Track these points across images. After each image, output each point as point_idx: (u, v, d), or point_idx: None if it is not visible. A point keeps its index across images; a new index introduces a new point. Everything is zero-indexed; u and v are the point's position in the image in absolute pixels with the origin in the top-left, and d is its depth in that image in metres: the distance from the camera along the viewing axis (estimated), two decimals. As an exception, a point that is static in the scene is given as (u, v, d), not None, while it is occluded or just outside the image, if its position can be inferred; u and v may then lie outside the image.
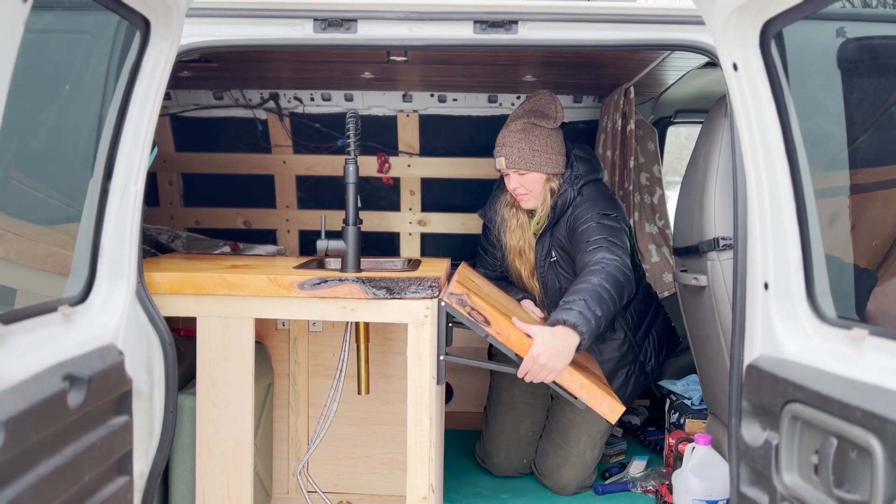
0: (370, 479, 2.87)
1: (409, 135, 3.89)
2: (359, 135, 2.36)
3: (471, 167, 3.86)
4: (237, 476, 2.19)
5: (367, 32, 2.20)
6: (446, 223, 3.97)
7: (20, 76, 1.26)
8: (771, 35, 1.58)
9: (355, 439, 2.85)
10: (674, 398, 3.33)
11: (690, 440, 2.71)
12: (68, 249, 1.90)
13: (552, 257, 2.86)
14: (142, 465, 1.97)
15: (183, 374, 2.29)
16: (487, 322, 2.26)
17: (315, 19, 2.18)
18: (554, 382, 2.32)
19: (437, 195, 3.98)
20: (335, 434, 2.77)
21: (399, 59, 2.79)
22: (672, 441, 3.01)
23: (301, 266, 2.53)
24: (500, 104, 3.78)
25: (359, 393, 2.66)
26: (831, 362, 1.49)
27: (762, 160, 1.68)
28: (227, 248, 3.55)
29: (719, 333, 2.45)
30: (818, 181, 1.67)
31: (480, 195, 3.29)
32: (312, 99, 3.77)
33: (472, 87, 3.66)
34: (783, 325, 1.67)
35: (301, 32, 2.20)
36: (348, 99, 3.76)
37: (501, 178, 3.00)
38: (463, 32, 2.19)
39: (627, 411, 3.81)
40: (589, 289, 2.38)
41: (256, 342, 2.33)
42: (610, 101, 3.46)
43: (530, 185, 2.80)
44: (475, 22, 2.18)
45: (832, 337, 1.56)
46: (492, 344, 2.33)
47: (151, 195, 3.97)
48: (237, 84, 3.70)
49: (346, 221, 2.36)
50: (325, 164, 3.90)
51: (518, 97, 3.77)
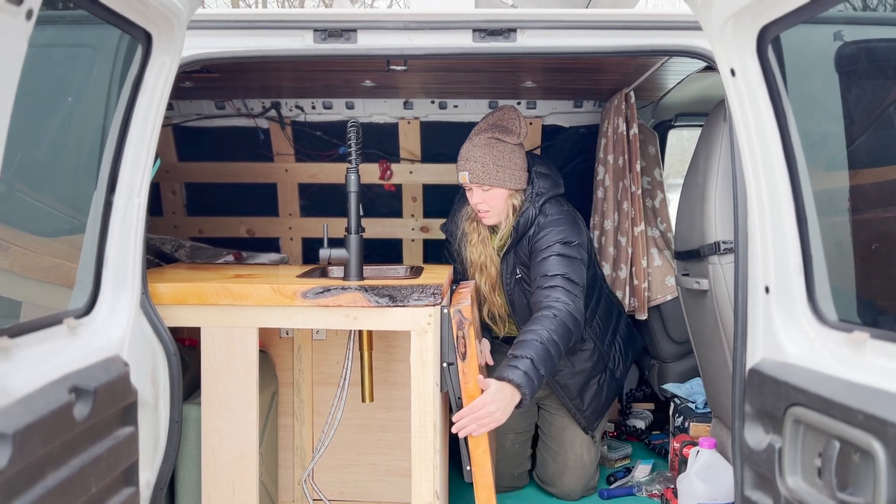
0: (375, 486, 2.88)
1: (410, 142, 3.90)
2: (360, 144, 2.38)
3: None
4: (243, 485, 2.20)
5: (367, 42, 2.21)
6: (448, 230, 3.99)
7: (24, 89, 1.27)
8: (768, 40, 1.59)
9: (360, 447, 2.85)
10: (678, 402, 3.33)
11: (695, 444, 2.72)
12: (72, 261, 1.91)
13: (517, 274, 2.83)
14: (148, 475, 1.98)
15: (188, 384, 2.30)
16: (463, 357, 2.26)
17: (315, 30, 2.20)
18: (465, 441, 2.27)
19: (439, 202, 3.99)
20: (340, 442, 2.77)
21: (399, 67, 2.81)
22: (677, 445, 3.02)
23: (304, 275, 2.55)
24: (501, 110, 3.79)
25: (363, 400, 2.67)
26: (833, 365, 1.50)
27: (761, 164, 1.69)
28: (230, 257, 3.57)
29: (722, 337, 2.46)
30: (817, 184, 1.68)
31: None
32: (314, 107, 3.79)
33: (473, 94, 3.67)
34: (785, 328, 1.67)
35: (301, 43, 2.21)
36: (349, 107, 3.78)
37: (462, 191, 2.94)
38: (462, 41, 2.21)
39: (632, 415, 3.82)
40: (537, 346, 2.42)
41: (260, 351, 2.34)
42: (610, 105, 3.47)
43: (493, 202, 2.75)
44: (474, 30, 2.19)
45: (834, 340, 1.56)
46: (442, 375, 2.27)
47: (155, 205, 3.99)
48: (239, 94, 3.72)
49: (348, 230, 2.37)
50: (327, 172, 3.92)
51: (518, 103, 3.78)
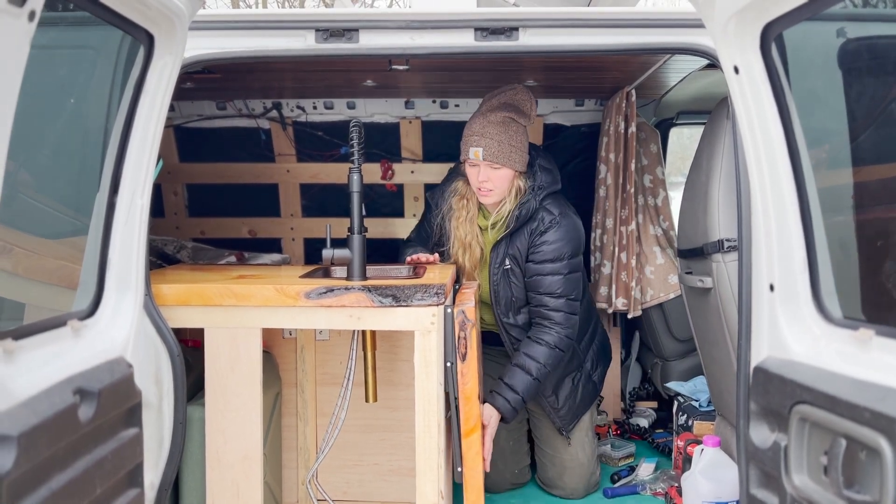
0: (379, 486, 2.88)
1: (411, 141, 3.90)
2: (362, 144, 2.37)
3: None
4: (247, 486, 2.20)
5: (369, 42, 2.21)
6: (450, 229, 3.99)
7: (26, 91, 1.27)
8: (771, 38, 1.59)
9: (364, 447, 2.85)
10: (682, 400, 3.32)
11: (699, 442, 2.71)
12: (76, 263, 1.91)
13: (507, 265, 2.81)
14: (152, 476, 1.98)
15: (191, 385, 2.30)
16: (463, 358, 2.26)
17: (317, 30, 2.20)
18: (459, 442, 2.32)
19: None
20: (344, 442, 2.77)
21: (401, 67, 2.81)
22: (680, 443, 3.01)
23: (307, 275, 2.54)
24: (503, 109, 3.79)
25: (366, 401, 2.66)
26: (838, 363, 1.49)
27: (765, 162, 1.68)
28: (232, 258, 3.56)
29: (725, 335, 2.45)
30: (821, 181, 1.68)
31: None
32: (315, 107, 3.79)
33: (475, 93, 3.67)
34: (789, 326, 1.67)
35: (303, 43, 2.21)
36: (351, 107, 3.78)
37: (456, 165, 2.95)
38: (464, 40, 2.20)
39: (636, 414, 3.82)
40: (529, 382, 2.71)
41: (264, 352, 2.34)
42: (612, 103, 3.46)
43: (498, 181, 2.73)
44: (476, 29, 2.19)
45: (839, 337, 1.56)
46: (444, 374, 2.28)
47: (157, 206, 3.99)
48: (240, 94, 3.72)
49: (350, 230, 2.36)
50: (328, 172, 3.92)
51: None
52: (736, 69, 1.67)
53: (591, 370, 3.07)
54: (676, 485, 2.88)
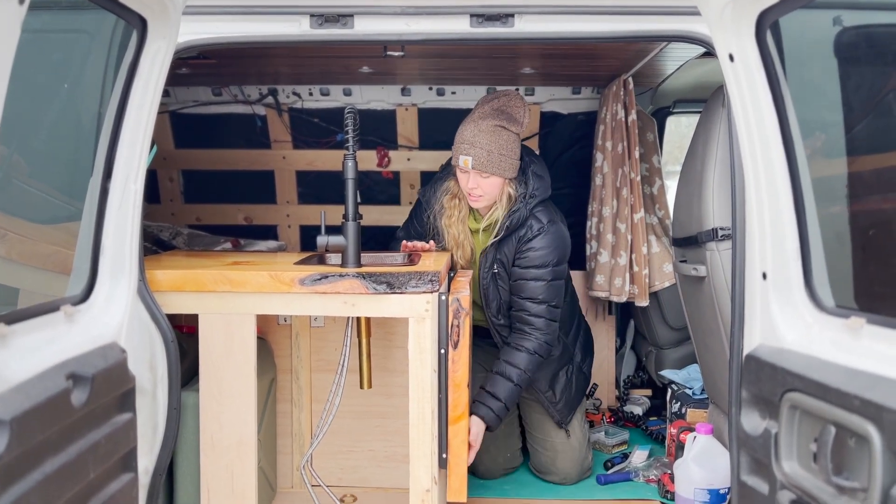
0: (374, 472, 2.89)
1: (408, 129, 3.89)
2: (357, 130, 2.36)
3: None
4: (242, 471, 2.21)
5: (364, 28, 2.20)
6: (446, 216, 3.98)
7: (18, 76, 1.26)
8: (767, 25, 1.58)
9: (358, 433, 2.86)
10: (675, 388, 3.34)
11: (692, 429, 2.73)
12: (69, 248, 1.90)
13: (495, 269, 2.85)
14: (146, 462, 1.99)
15: (186, 371, 2.30)
16: (455, 345, 2.28)
17: (311, 15, 2.18)
18: (445, 429, 2.33)
19: None
20: (338, 428, 2.78)
21: (396, 53, 2.79)
22: (674, 430, 3.03)
23: (301, 262, 2.54)
24: (499, 97, 3.78)
25: (361, 387, 2.67)
26: (830, 351, 1.50)
27: (759, 150, 1.68)
28: (228, 245, 3.56)
29: (719, 323, 2.46)
30: (815, 170, 1.68)
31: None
32: (311, 94, 3.77)
33: (471, 80, 3.66)
34: (782, 314, 1.68)
35: (298, 28, 2.20)
36: (347, 93, 3.77)
37: (447, 164, 2.97)
38: (459, 26, 2.19)
39: (630, 402, 3.83)
40: (511, 388, 2.74)
41: (259, 338, 2.34)
42: (609, 91, 3.45)
43: (488, 189, 2.75)
44: (471, 16, 2.18)
45: (830, 326, 1.56)
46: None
47: (152, 192, 3.98)
48: (236, 80, 3.71)
49: (345, 217, 2.36)
50: (324, 160, 3.91)
51: (517, 89, 3.76)
52: (731, 57, 1.67)
53: (580, 362, 3.14)
54: (669, 472, 2.90)
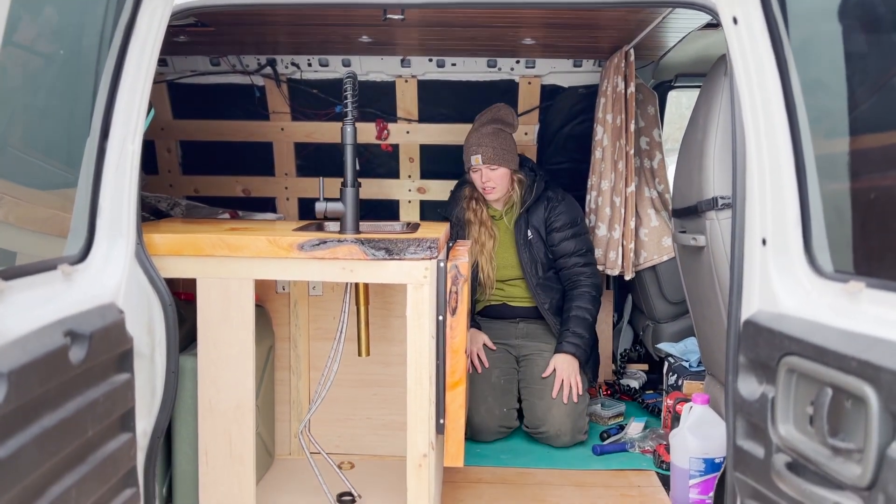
0: (371, 439, 2.91)
1: (407, 101, 3.86)
2: (356, 96, 2.34)
3: None
4: (240, 435, 2.22)
5: (364, -10, 2.17)
6: (446, 190, 3.95)
7: (12, 33, 1.24)
8: (771, -13, 1.57)
9: (356, 401, 2.87)
10: (672, 361, 3.35)
11: (688, 400, 2.74)
12: (66, 212, 1.89)
13: (529, 236, 3.35)
14: (145, 424, 1.99)
15: (183, 337, 2.30)
16: (453, 312, 2.28)
17: None
18: (443, 394, 2.32)
19: (437, 162, 3.97)
20: (336, 396, 2.79)
21: (396, 16, 2.76)
22: (670, 402, 3.04)
23: (300, 229, 2.54)
24: (500, 69, 3.75)
25: (359, 355, 2.67)
26: (828, 315, 1.50)
27: (761, 115, 1.67)
28: (226, 216, 3.55)
29: (717, 293, 2.46)
30: (817, 136, 1.67)
31: (480, 162, 3.30)
32: (310, 65, 3.74)
33: (472, 51, 3.62)
34: (781, 279, 1.67)
35: (297, -10, 2.17)
36: (346, 64, 3.73)
37: (461, 181, 3.51)
38: (461, -11, 2.17)
39: (626, 375, 3.85)
40: (589, 323, 3.29)
41: (257, 306, 2.34)
42: (610, 64, 3.43)
43: (498, 180, 3.30)
44: None
45: (829, 291, 1.56)
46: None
47: (150, 163, 3.96)
48: (234, 49, 3.67)
49: (344, 183, 2.35)
50: (323, 132, 3.88)
51: (517, 62, 3.73)
52: (735, 20, 1.65)
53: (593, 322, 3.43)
54: (665, 443, 2.91)
